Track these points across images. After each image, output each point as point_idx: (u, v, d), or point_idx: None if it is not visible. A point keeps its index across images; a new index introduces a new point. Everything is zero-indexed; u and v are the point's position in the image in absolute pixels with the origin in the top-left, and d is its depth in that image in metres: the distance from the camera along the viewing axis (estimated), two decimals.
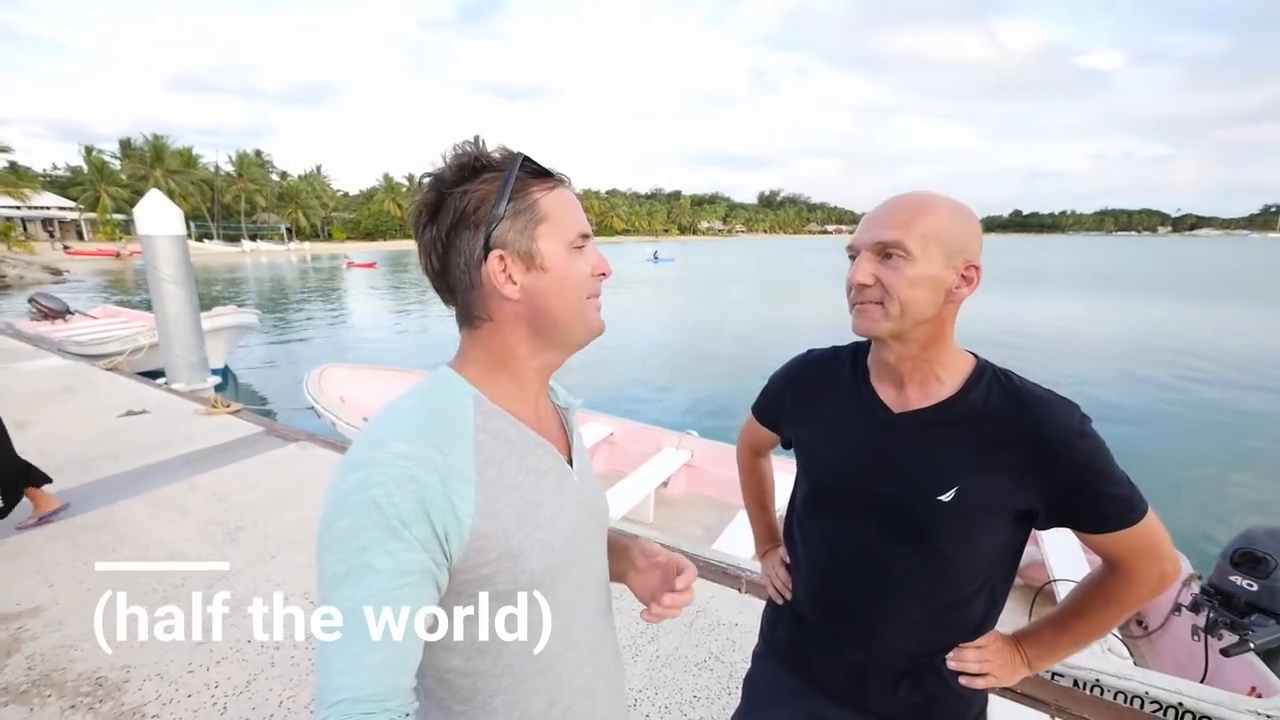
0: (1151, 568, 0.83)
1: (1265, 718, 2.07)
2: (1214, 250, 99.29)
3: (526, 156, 0.66)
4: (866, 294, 0.82)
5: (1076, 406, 0.82)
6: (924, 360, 0.87)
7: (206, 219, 62.77)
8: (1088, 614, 0.90)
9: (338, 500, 0.58)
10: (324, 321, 16.83)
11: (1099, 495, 0.80)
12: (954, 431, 0.84)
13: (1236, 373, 10.79)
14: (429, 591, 0.59)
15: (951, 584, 0.88)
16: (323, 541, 0.57)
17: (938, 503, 0.83)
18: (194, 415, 4.90)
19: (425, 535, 0.57)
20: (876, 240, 0.81)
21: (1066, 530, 0.86)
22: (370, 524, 0.56)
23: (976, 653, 0.91)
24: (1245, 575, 2.41)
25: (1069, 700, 2.01)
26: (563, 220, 0.66)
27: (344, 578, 0.55)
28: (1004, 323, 16.17)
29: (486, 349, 0.68)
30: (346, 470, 0.59)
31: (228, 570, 2.73)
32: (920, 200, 0.82)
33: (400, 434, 0.60)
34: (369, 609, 0.54)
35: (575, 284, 0.67)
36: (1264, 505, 5.74)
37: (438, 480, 0.59)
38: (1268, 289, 28.84)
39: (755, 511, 1.28)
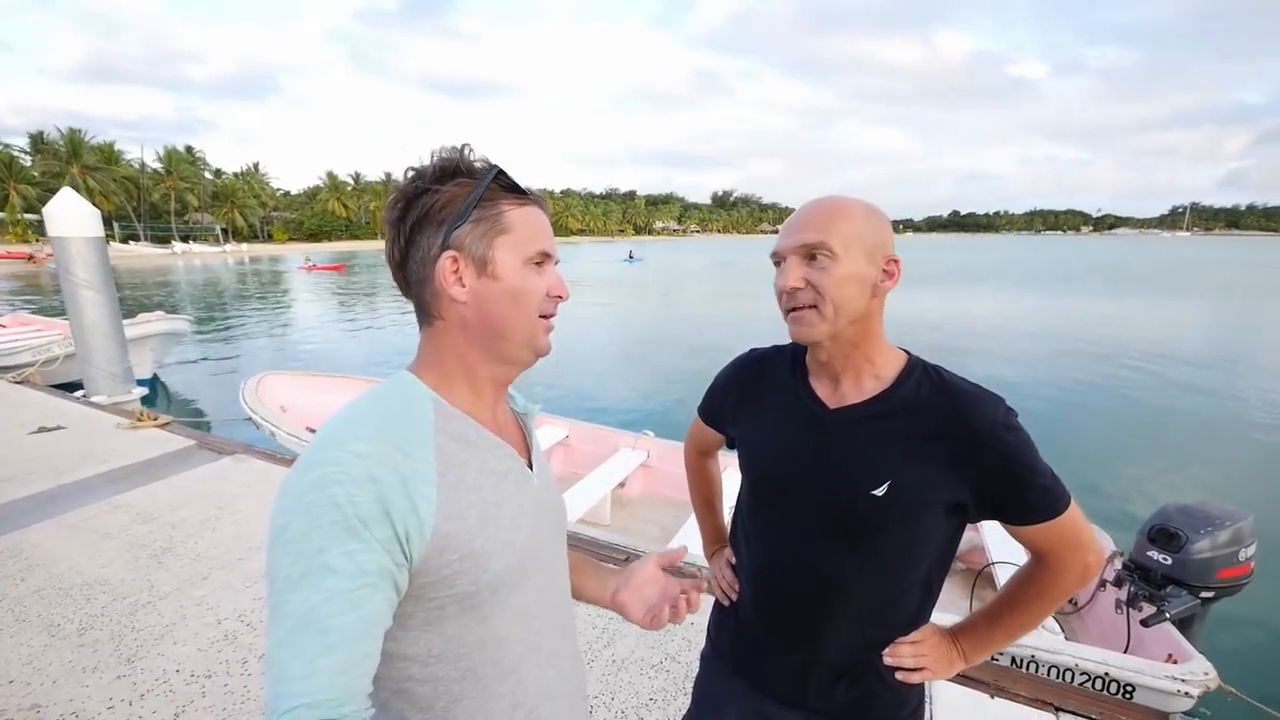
0: (1076, 558, 0.86)
1: (1180, 681, 2.23)
2: (1130, 248, 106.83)
3: (503, 170, 0.68)
4: (800, 297, 0.83)
5: (1002, 400, 0.84)
6: (856, 356, 0.88)
7: (132, 219, 58.86)
8: (1019, 607, 0.92)
9: (293, 500, 0.56)
10: (265, 328, 16.00)
11: (1024, 486, 0.82)
12: (886, 425, 0.86)
13: (1148, 362, 11.62)
14: (388, 594, 0.57)
15: (887, 579, 0.90)
16: (276, 543, 0.55)
17: (871, 498, 0.84)
18: (116, 430, 4.57)
19: (386, 536, 0.56)
20: (801, 244, 0.83)
21: None
22: (328, 524, 0.54)
23: (912, 648, 0.93)
24: (1161, 550, 2.59)
25: (1007, 679, 2.11)
26: (525, 236, 0.68)
27: (299, 580, 0.53)
28: (938, 316, 16.92)
29: (438, 351, 0.69)
30: (303, 470, 0.58)
31: (152, 596, 2.55)
32: (835, 203, 0.84)
33: (359, 434, 0.60)
34: (326, 611, 0.52)
35: (525, 298, 0.68)
36: (1177, 483, 6.19)
37: (399, 480, 0.58)
38: (1175, 284, 31.23)
39: (702, 512, 1.28)
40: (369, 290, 25.72)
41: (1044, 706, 2.00)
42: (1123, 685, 2.29)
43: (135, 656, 2.17)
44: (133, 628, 2.33)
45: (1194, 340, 14.61)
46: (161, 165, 64.12)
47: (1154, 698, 2.22)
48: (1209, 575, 2.51)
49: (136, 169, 60.77)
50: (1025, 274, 36.95)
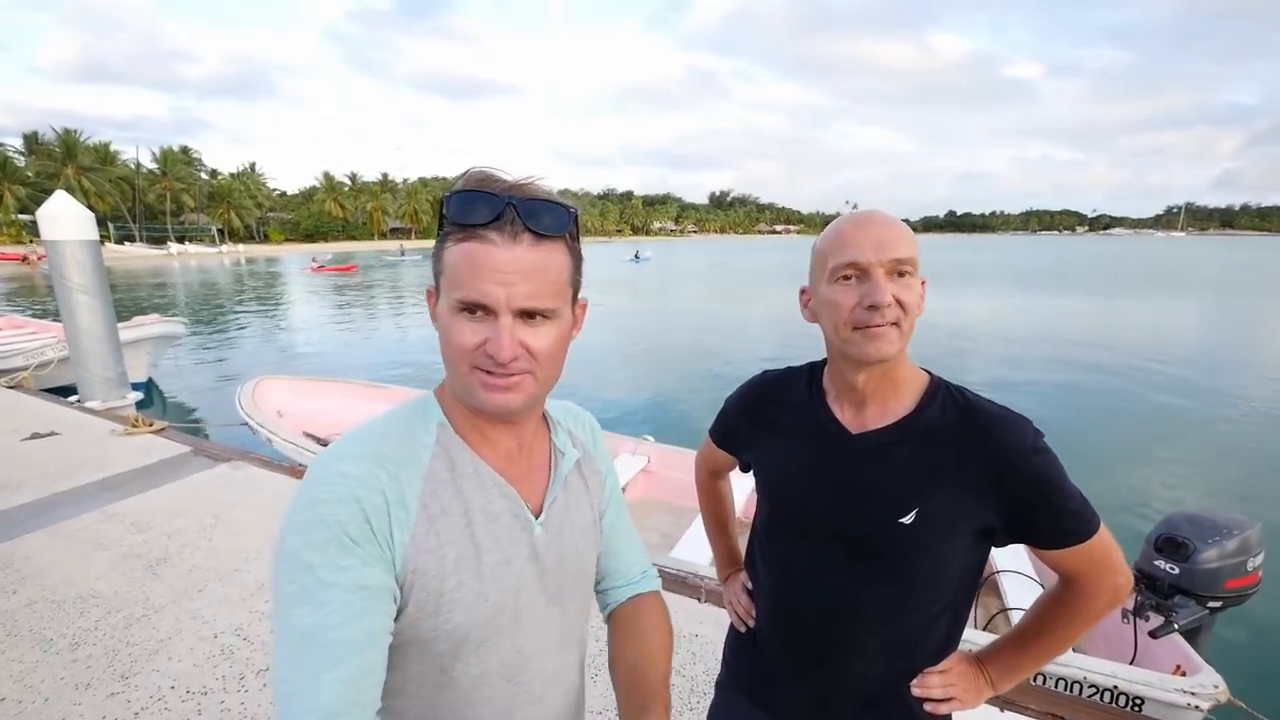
0: (1107, 581, 0.83)
1: (1189, 694, 2.21)
2: (1126, 248, 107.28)
3: (447, 196, 0.59)
4: (887, 315, 0.78)
5: (1029, 422, 0.82)
6: (887, 379, 0.86)
7: (127, 220, 58.60)
8: (1048, 632, 0.90)
9: (290, 518, 0.57)
10: (262, 331, 15.90)
11: (1055, 510, 0.80)
12: (911, 451, 0.83)
13: (1152, 364, 11.63)
14: (388, 607, 0.57)
15: (915, 608, 0.87)
16: (277, 562, 0.56)
17: (899, 525, 0.82)
18: (111, 436, 4.52)
19: (377, 554, 0.56)
20: (894, 259, 0.78)
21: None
22: (320, 541, 0.54)
23: (941, 678, 0.90)
24: (1168, 560, 2.56)
25: (1016, 692, 2.08)
26: (453, 279, 0.59)
27: (297, 596, 0.53)
28: (938, 319, 16.94)
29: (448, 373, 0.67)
30: (301, 489, 0.58)
31: (147, 609, 2.50)
32: (899, 221, 0.82)
33: (350, 454, 0.60)
34: (328, 624, 0.52)
35: (452, 348, 0.60)
36: (1183, 491, 6.19)
37: (383, 503, 0.57)
38: (1173, 284, 31.34)
39: (715, 535, 1.25)
40: (369, 292, 25.63)
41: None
42: (1132, 698, 2.27)
43: (129, 673, 2.13)
44: (127, 642, 2.29)
45: (1198, 342, 14.63)
46: (157, 166, 63.89)
47: (1163, 710, 2.20)
48: (1217, 585, 2.48)
49: (132, 169, 60.51)
50: (1022, 274, 37.05)
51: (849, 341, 0.81)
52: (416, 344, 13.96)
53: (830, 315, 0.83)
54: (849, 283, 0.80)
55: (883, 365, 0.83)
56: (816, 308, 0.86)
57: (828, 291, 0.82)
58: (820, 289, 0.84)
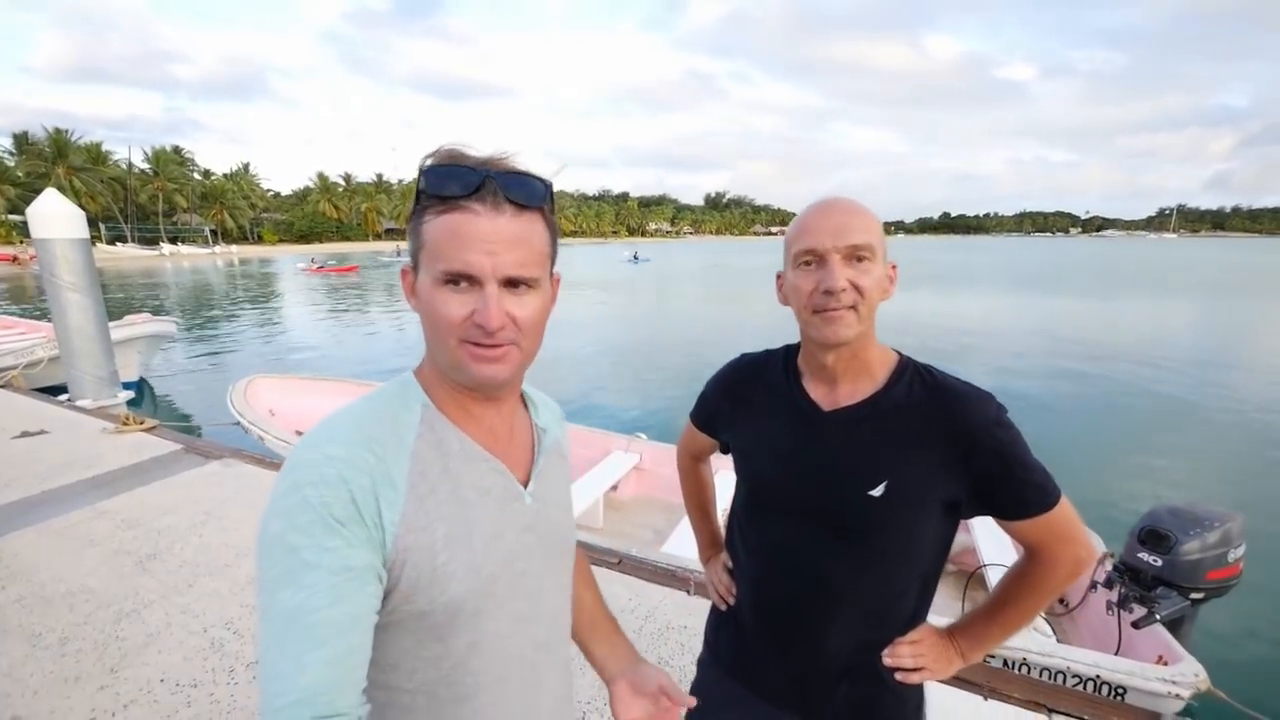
0: (1067, 552, 0.87)
1: (1171, 683, 2.24)
2: (1118, 249, 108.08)
3: (427, 170, 0.59)
4: (843, 298, 0.82)
5: (993, 397, 0.85)
6: (856, 359, 0.88)
7: (119, 220, 58.21)
8: (1013, 603, 0.93)
9: (272, 504, 0.57)
10: (254, 331, 15.84)
11: (1017, 482, 0.83)
12: (880, 427, 0.86)
13: (1137, 361, 11.73)
14: (374, 588, 0.57)
15: (885, 579, 0.90)
16: (260, 545, 0.56)
17: (868, 498, 0.84)
18: (102, 434, 4.50)
19: (364, 535, 0.56)
20: (849, 244, 0.81)
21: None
22: (304, 523, 0.54)
23: (911, 648, 0.93)
24: (1151, 552, 2.60)
25: (1000, 680, 2.11)
26: (437, 252, 0.59)
27: (281, 579, 0.53)
28: (931, 317, 17.04)
29: (428, 352, 0.67)
30: (284, 474, 0.58)
31: (137, 604, 2.50)
32: (863, 206, 0.85)
33: (334, 436, 0.60)
34: (310, 606, 0.52)
35: (438, 321, 0.61)
36: (1168, 484, 6.25)
37: (369, 484, 0.57)
38: (1163, 286, 31.61)
39: (697, 518, 1.27)
40: (363, 292, 25.56)
41: (1037, 708, 2.01)
42: (1114, 687, 2.30)
43: (119, 666, 2.13)
44: (116, 637, 2.29)
45: (1184, 341, 14.77)
46: (149, 166, 63.51)
47: (1145, 699, 2.23)
48: (1198, 576, 2.52)
49: (123, 169, 60.12)
50: (1016, 276, 37.27)
51: (810, 324, 0.85)
52: (411, 343, 13.94)
53: (794, 299, 0.87)
54: (809, 268, 0.84)
55: (850, 346, 0.85)
56: (787, 291, 0.90)
57: (792, 276, 0.86)
58: (787, 274, 0.88)
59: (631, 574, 2.78)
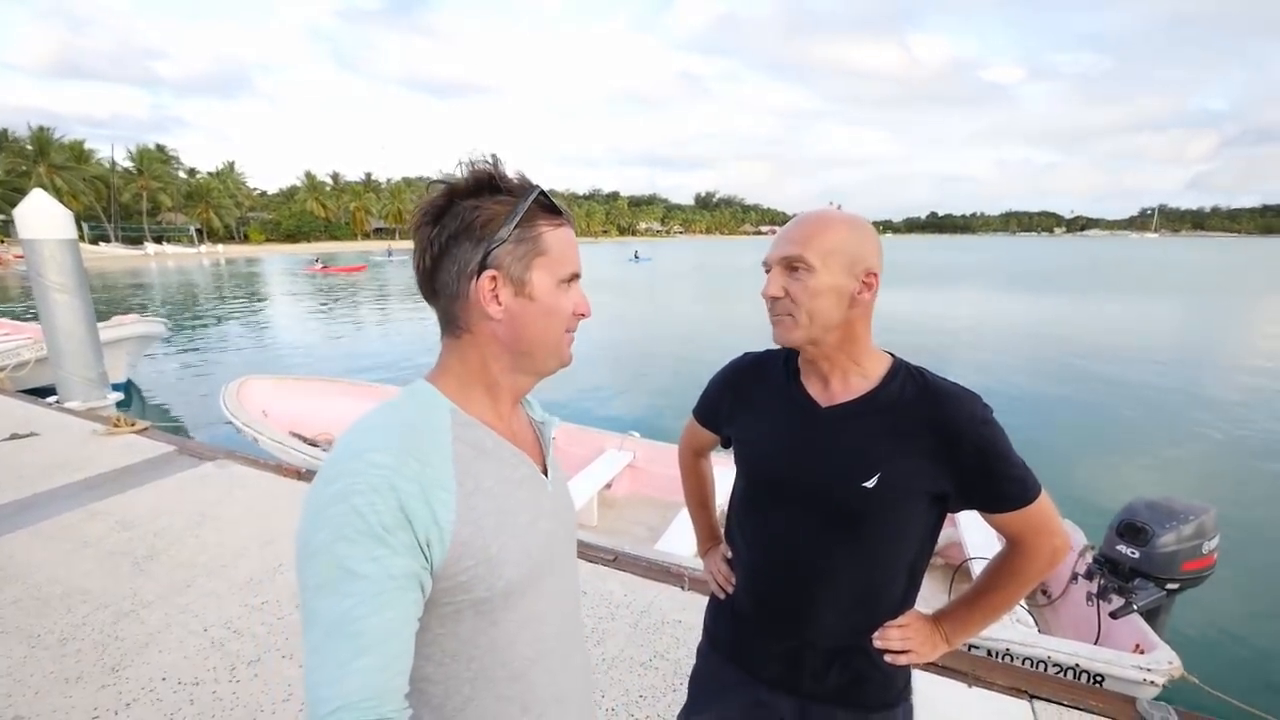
0: (1044, 543, 0.93)
1: (1146, 670, 2.32)
2: (1102, 249, 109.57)
3: (543, 190, 0.70)
4: (779, 306, 0.91)
5: (979, 397, 0.92)
6: (842, 359, 0.95)
7: (102, 219, 57.31)
8: (994, 590, 0.99)
9: (315, 514, 0.58)
10: (244, 331, 15.71)
11: (999, 477, 0.89)
12: (874, 422, 0.92)
13: (1118, 359, 11.95)
14: (416, 595, 0.59)
15: (877, 566, 0.96)
16: (304, 555, 0.57)
17: (863, 489, 0.90)
18: (93, 436, 4.48)
19: (409, 542, 0.58)
20: (783, 256, 0.90)
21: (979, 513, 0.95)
22: (353, 533, 0.56)
23: (899, 631, 0.99)
24: (1129, 544, 2.69)
25: (984, 669, 2.18)
26: (560, 257, 0.70)
27: (327, 587, 0.55)
28: (917, 315, 17.23)
29: (462, 360, 0.71)
30: (323, 484, 0.59)
31: (135, 604, 2.52)
32: (820, 218, 0.91)
33: (377, 445, 0.61)
34: (356, 614, 0.54)
35: (558, 317, 0.72)
36: (1146, 478, 6.39)
37: (418, 489, 0.60)
38: (1146, 285, 32.12)
39: (697, 511, 1.32)
40: (355, 292, 25.38)
41: (1019, 695, 2.08)
42: (1093, 675, 2.38)
43: (120, 665, 2.15)
44: (116, 637, 2.31)
45: (1162, 338, 15.06)
46: (133, 164, 62.59)
47: (1122, 686, 2.31)
48: (1174, 568, 2.61)
49: (106, 168, 59.20)
50: (1002, 275, 37.70)
51: (772, 328, 0.95)
52: (403, 344, 13.89)
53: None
54: (768, 275, 0.93)
55: (819, 347, 0.93)
56: None
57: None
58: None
59: (627, 570, 2.83)
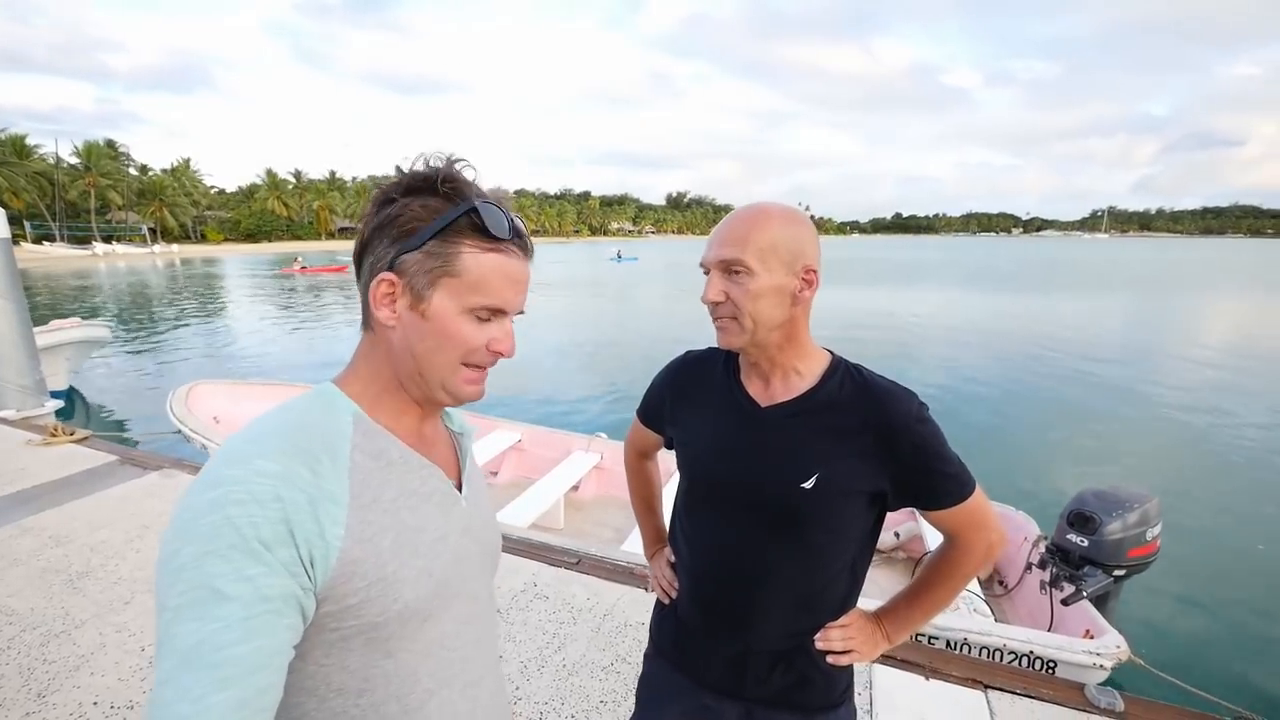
0: (981, 538, 0.93)
1: (1095, 655, 2.40)
2: (1056, 248, 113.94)
3: (478, 209, 0.61)
4: (720, 310, 0.87)
5: (915, 395, 0.91)
6: (782, 358, 0.93)
7: (46, 218, 54.50)
8: (934, 586, 0.99)
9: (185, 524, 0.51)
10: (196, 335, 15.08)
11: (936, 474, 0.89)
12: (812, 421, 0.91)
13: (1067, 354, 12.42)
14: (293, 620, 0.53)
15: (817, 567, 0.94)
16: (165, 569, 0.50)
17: (800, 490, 0.88)
18: (27, 446, 4.23)
19: (289, 558, 0.52)
20: (720, 259, 0.86)
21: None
22: (224, 547, 0.49)
23: (841, 631, 0.98)
24: (1079, 533, 2.78)
25: (941, 661, 2.21)
26: (475, 284, 0.62)
27: (188, 610, 0.48)
28: (880, 313, 17.62)
29: (368, 361, 0.66)
30: (199, 491, 0.53)
31: (67, 624, 2.37)
32: (754, 214, 0.86)
33: (264, 450, 0.56)
34: (218, 642, 0.47)
35: (451, 347, 0.64)
36: (1095, 467, 6.64)
37: (305, 500, 0.54)
38: (1097, 283, 33.50)
39: (642, 513, 1.30)
40: (316, 294, 24.66)
41: (975, 685, 2.12)
42: (1046, 661, 2.45)
43: (47, 691, 2.02)
44: (44, 659, 2.17)
45: (1110, 333, 15.71)
46: (79, 160, 59.68)
47: (1073, 671, 2.38)
48: (1121, 555, 2.71)
49: (51, 164, 56.32)
50: (961, 274, 38.82)
51: (716, 333, 0.91)
52: None
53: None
54: (705, 280, 0.89)
55: (761, 349, 0.91)
56: None
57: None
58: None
59: (590, 573, 2.80)
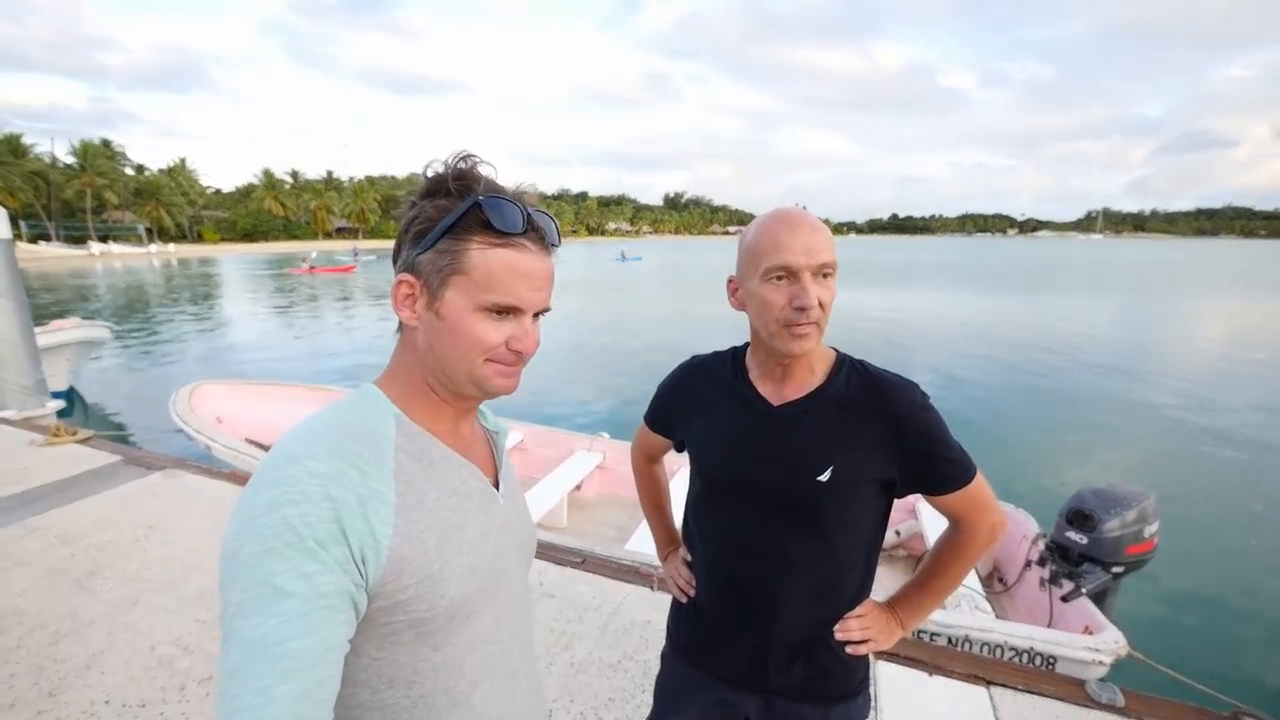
0: (984, 519, 0.97)
1: (1095, 651, 2.43)
2: (1051, 250, 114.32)
3: (482, 203, 0.61)
4: (809, 315, 0.86)
5: (918, 386, 0.96)
6: (804, 359, 0.95)
7: (42, 218, 54.30)
8: (942, 570, 1.03)
9: (244, 523, 0.54)
10: (196, 335, 15.06)
11: (941, 459, 0.93)
12: (824, 417, 0.94)
13: (1068, 354, 12.49)
14: (347, 616, 0.55)
15: (835, 557, 0.97)
16: (228, 568, 0.53)
17: (817, 483, 0.92)
18: (30, 447, 4.23)
19: (342, 556, 0.54)
20: (821, 263, 0.86)
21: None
22: (282, 546, 0.52)
23: (858, 621, 1.01)
24: (1077, 531, 2.81)
25: (944, 658, 2.24)
26: (484, 281, 0.62)
27: (250, 606, 0.51)
28: (880, 313, 17.68)
29: (403, 363, 0.68)
30: (255, 491, 0.55)
31: (76, 624, 2.38)
32: (811, 218, 0.89)
33: (315, 451, 0.58)
34: (280, 636, 0.50)
35: (468, 344, 0.64)
36: (1095, 466, 6.69)
37: (355, 500, 0.57)
38: (1093, 284, 33.63)
39: (654, 516, 1.32)
40: (316, 294, 24.62)
41: (977, 681, 2.15)
42: (1046, 657, 2.48)
43: (58, 690, 2.03)
44: (54, 659, 2.18)
45: (1108, 333, 15.80)
46: (75, 160, 59.43)
47: (1073, 667, 2.41)
48: (1119, 552, 2.75)
49: (46, 164, 56.04)
50: (961, 275, 38.93)
51: (776, 336, 0.90)
52: (362, 344, 13.54)
53: (760, 312, 0.90)
54: (780, 283, 0.87)
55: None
56: (745, 299, 0.94)
57: (760, 289, 0.89)
58: (751, 284, 0.91)
59: (595, 572, 2.82)
